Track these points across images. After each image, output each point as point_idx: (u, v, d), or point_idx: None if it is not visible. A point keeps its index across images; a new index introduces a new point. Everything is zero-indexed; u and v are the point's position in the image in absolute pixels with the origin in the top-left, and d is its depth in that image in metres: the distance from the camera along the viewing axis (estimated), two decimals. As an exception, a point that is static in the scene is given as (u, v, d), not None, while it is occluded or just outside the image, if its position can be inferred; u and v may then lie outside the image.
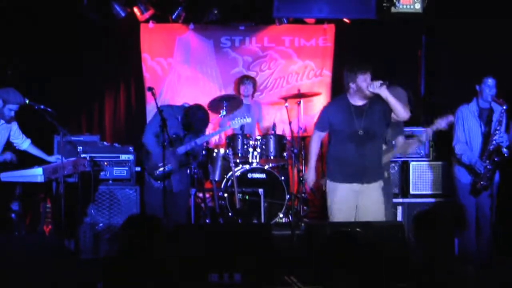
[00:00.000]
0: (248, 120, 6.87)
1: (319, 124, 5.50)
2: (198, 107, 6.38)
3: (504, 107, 5.87)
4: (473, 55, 7.18)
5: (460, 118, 6.05)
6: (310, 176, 5.53)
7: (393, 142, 5.78)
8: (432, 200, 6.76)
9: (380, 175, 5.49)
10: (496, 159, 5.91)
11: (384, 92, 5.15)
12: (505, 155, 5.88)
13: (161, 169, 6.01)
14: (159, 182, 6.16)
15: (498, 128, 5.91)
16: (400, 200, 6.73)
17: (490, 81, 5.95)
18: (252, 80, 7.94)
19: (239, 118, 6.82)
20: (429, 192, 6.83)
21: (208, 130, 7.03)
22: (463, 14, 7.21)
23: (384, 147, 5.70)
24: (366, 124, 5.30)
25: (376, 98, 5.25)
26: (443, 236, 3.45)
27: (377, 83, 5.15)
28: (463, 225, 5.81)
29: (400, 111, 5.22)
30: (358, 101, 5.33)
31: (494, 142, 5.91)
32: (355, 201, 5.36)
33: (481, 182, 5.95)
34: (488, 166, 5.92)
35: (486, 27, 6.99)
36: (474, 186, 5.98)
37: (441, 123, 5.68)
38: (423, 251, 3.48)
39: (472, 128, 6.06)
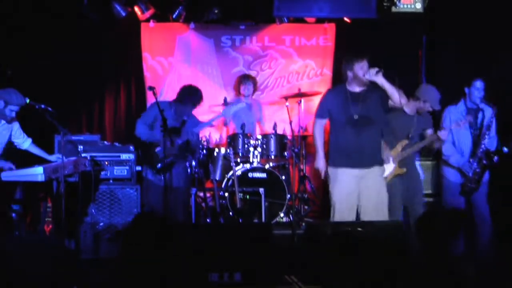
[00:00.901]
0: (242, 105, 6.86)
1: (318, 111, 5.69)
2: (187, 85, 6.41)
3: (494, 111, 5.93)
4: (474, 54, 7.17)
5: (447, 118, 6.09)
6: (321, 164, 5.63)
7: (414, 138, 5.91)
8: (430, 199, 6.76)
9: (380, 161, 5.62)
10: (484, 162, 5.95)
11: (380, 79, 5.29)
12: (494, 161, 5.92)
13: (163, 161, 6.02)
14: (159, 177, 6.13)
15: (487, 132, 5.95)
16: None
17: (479, 84, 6.03)
18: (253, 79, 7.94)
19: (232, 105, 6.79)
20: (430, 191, 6.82)
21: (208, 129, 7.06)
22: (463, 13, 7.21)
23: (405, 141, 5.88)
24: (362, 110, 5.45)
25: (373, 85, 5.41)
26: (444, 236, 3.44)
27: (373, 70, 5.30)
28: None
29: (396, 98, 5.33)
30: (355, 88, 5.50)
31: (483, 146, 5.95)
32: (356, 187, 5.50)
33: (469, 184, 5.98)
34: (477, 170, 5.96)
35: (487, 26, 6.98)
36: (464, 188, 6.01)
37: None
38: (423, 251, 3.48)
39: (460, 128, 6.07)
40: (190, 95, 6.28)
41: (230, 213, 7.07)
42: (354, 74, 5.41)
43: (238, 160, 7.33)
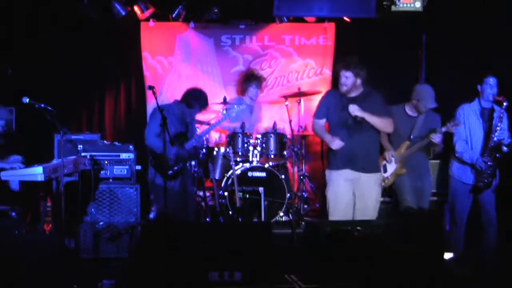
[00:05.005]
0: (242, 107, 6.87)
1: (316, 112, 5.78)
2: (193, 88, 6.41)
3: (505, 105, 5.91)
4: (474, 54, 7.18)
5: (461, 116, 6.08)
6: (334, 141, 5.57)
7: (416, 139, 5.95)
8: (434, 198, 6.76)
9: (374, 168, 5.66)
10: (497, 155, 5.93)
11: (362, 114, 5.47)
12: (505, 151, 5.90)
13: (173, 168, 6.04)
14: (170, 182, 6.10)
15: (499, 124, 5.94)
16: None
17: (492, 81, 5.99)
18: (261, 81, 7.84)
19: (233, 108, 6.79)
20: (433, 190, 6.82)
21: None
22: (463, 12, 7.21)
23: (407, 142, 5.95)
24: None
25: (370, 93, 5.56)
26: (438, 235, 3.46)
27: (352, 108, 5.46)
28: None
29: (382, 128, 5.59)
30: (352, 93, 5.58)
31: (495, 138, 5.93)
32: (350, 189, 5.58)
33: (482, 180, 5.95)
34: (489, 163, 5.94)
35: (487, 26, 6.98)
36: (476, 186, 5.99)
37: (448, 127, 5.84)
38: (421, 251, 3.49)
39: (474, 126, 6.08)
40: (197, 99, 6.28)
41: (230, 212, 7.08)
42: (357, 82, 5.51)
43: (238, 159, 7.33)
